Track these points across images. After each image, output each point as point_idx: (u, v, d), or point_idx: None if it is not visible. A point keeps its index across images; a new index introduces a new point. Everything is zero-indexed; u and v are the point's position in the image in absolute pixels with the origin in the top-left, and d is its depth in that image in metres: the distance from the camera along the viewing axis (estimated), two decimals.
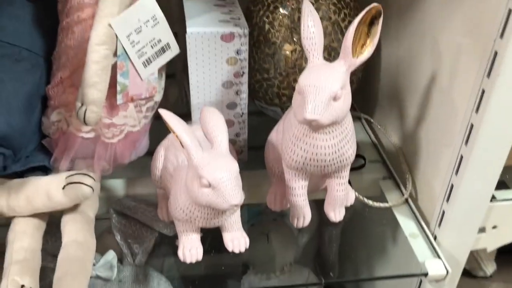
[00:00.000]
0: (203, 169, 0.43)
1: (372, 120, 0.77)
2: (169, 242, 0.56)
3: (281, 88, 0.68)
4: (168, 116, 0.44)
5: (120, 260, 0.57)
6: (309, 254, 0.62)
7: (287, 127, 0.52)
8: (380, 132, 0.75)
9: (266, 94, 0.69)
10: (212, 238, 0.53)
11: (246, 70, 0.60)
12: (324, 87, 0.45)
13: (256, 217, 0.65)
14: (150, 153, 0.58)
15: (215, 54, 0.58)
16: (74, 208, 0.52)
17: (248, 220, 0.61)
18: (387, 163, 0.70)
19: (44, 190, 0.49)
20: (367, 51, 0.47)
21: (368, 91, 0.79)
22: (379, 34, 0.46)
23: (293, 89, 0.67)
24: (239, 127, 0.65)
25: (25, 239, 0.48)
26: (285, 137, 0.52)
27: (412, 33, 0.65)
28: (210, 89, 0.60)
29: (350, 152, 0.51)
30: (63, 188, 0.49)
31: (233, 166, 0.44)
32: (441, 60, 0.57)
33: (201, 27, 0.56)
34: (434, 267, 0.54)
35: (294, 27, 0.64)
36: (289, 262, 0.60)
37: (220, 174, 0.43)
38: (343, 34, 0.64)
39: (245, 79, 0.60)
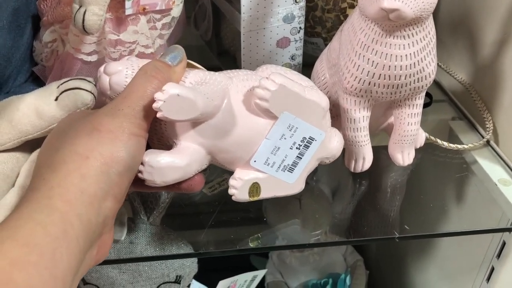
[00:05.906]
0: None
1: None
2: (190, 197, 0.49)
3: (325, 11, 0.55)
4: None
5: (132, 218, 0.50)
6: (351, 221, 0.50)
7: (346, 39, 0.40)
8: (439, 70, 0.63)
9: (306, 21, 0.56)
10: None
11: None
12: None
13: None
14: None
15: None
16: None
17: None
18: (455, 102, 0.58)
19: (32, 108, 0.38)
20: None
21: None
22: None
23: (341, 11, 0.56)
24: (295, 47, 0.54)
25: None
26: (346, 50, 0.40)
27: None
28: None
29: (431, 68, 0.39)
30: (56, 99, 0.37)
31: None
32: None
33: None
34: None
35: None
36: (324, 231, 0.50)
37: None
38: None
39: None
